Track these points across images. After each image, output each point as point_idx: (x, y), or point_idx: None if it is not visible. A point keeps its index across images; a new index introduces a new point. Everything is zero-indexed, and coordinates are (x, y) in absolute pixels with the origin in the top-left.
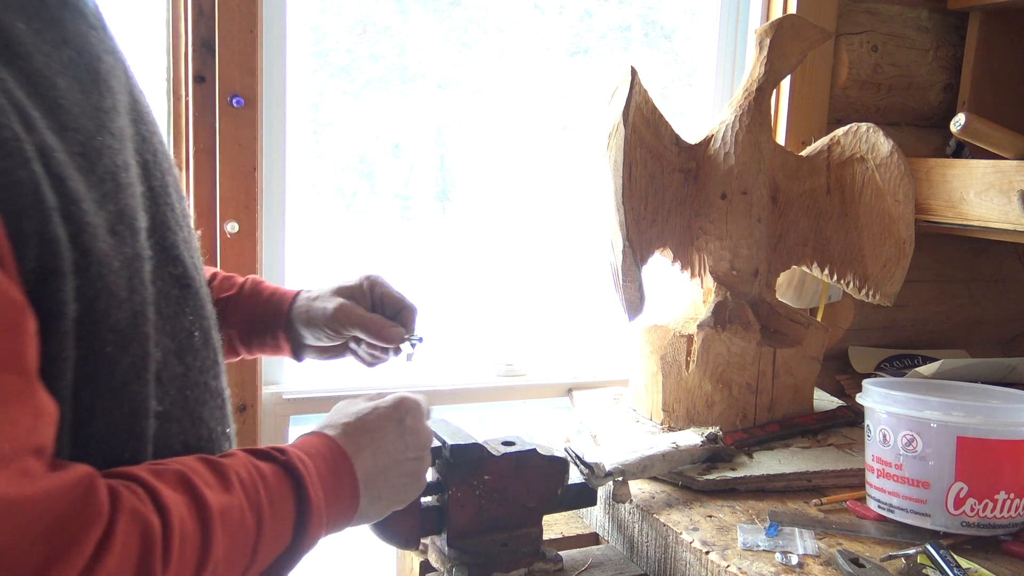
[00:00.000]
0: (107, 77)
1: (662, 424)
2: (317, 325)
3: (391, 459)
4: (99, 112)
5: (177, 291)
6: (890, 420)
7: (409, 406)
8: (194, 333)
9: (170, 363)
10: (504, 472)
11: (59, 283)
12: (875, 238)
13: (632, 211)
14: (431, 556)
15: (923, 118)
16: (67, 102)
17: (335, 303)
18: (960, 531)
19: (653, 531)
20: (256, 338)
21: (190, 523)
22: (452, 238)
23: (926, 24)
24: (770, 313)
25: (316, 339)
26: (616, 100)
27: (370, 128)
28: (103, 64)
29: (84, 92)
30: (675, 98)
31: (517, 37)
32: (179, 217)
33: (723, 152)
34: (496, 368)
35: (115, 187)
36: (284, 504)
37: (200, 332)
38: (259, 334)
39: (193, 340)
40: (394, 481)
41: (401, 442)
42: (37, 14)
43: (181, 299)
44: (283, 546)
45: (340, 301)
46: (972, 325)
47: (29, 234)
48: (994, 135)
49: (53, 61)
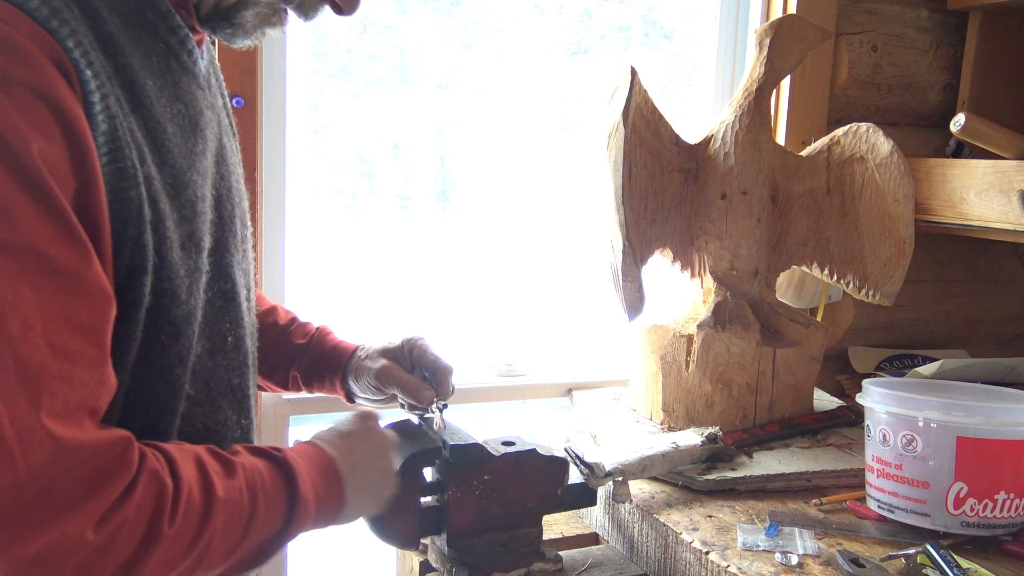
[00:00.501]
0: (204, 127)
1: (662, 424)
2: (365, 382)
3: (366, 458)
4: (192, 154)
5: (222, 302)
6: (890, 420)
7: (368, 415)
8: (228, 338)
9: (203, 359)
10: (504, 472)
11: (142, 279)
12: (875, 238)
13: (632, 211)
14: (431, 556)
15: (923, 118)
16: (171, 144)
17: (379, 364)
18: (960, 531)
19: (653, 531)
20: (316, 382)
21: (197, 495)
22: (452, 238)
23: (926, 24)
24: (770, 313)
25: (364, 392)
26: (616, 100)
27: (370, 128)
28: (203, 117)
29: (184, 137)
30: (675, 98)
31: (517, 37)
32: (239, 242)
33: (723, 152)
34: (496, 368)
35: (192, 213)
36: (277, 494)
37: (233, 338)
38: (319, 380)
39: (226, 344)
40: (372, 477)
41: (371, 444)
42: (162, 75)
43: (224, 309)
44: (274, 529)
45: (384, 363)
46: (972, 325)
47: (129, 239)
48: (994, 135)
49: (167, 112)
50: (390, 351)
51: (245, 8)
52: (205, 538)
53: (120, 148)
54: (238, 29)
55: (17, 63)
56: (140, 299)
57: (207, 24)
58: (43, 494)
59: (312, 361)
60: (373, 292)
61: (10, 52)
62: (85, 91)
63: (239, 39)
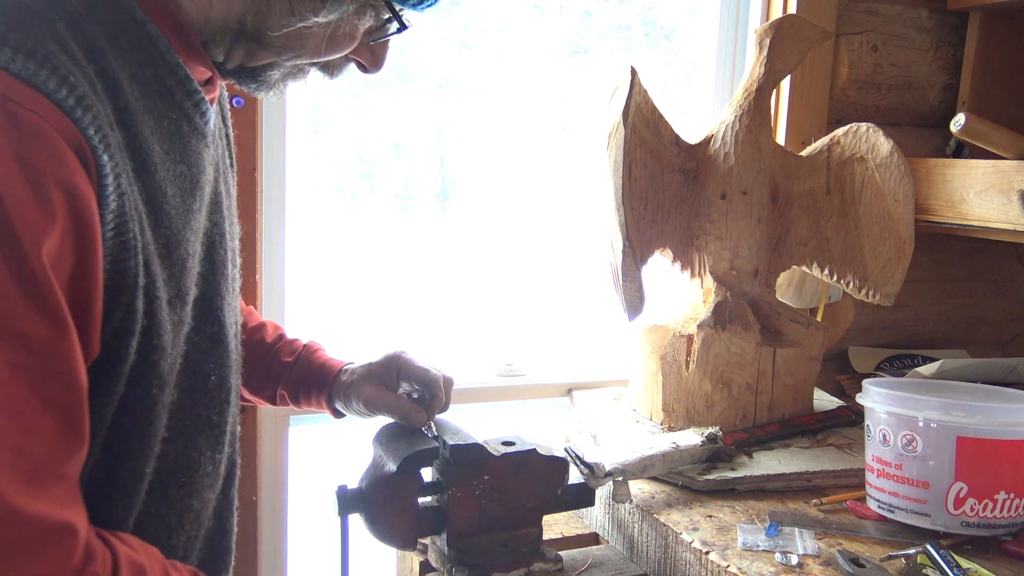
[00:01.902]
0: (204, 184)
1: (662, 424)
2: (354, 407)
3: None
4: (188, 213)
5: (209, 344)
6: (890, 420)
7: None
8: (211, 377)
9: (181, 398)
10: (504, 472)
11: (130, 340)
12: (875, 238)
13: (632, 211)
14: (431, 556)
15: (923, 118)
16: (168, 207)
17: (366, 392)
18: (960, 531)
19: (653, 531)
20: (303, 399)
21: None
22: (452, 238)
23: (926, 24)
24: (770, 313)
25: (353, 414)
26: (616, 100)
27: (370, 128)
28: (204, 175)
29: (183, 198)
30: (675, 98)
31: (517, 37)
32: (229, 283)
33: (723, 152)
34: (496, 368)
35: (181, 271)
36: None
37: (217, 377)
38: (306, 397)
39: (208, 383)
40: None
41: None
42: (171, 138)
43: (210, 351)
44: None
45: (369, 389)
46: (972, 325)
47: (121, 304)
48: (994, 135)
49: (169, 175)
50: (374, 372)
51: (272, 69)
52: None
53: (125, 222)
54: (262, 84)
55: (45, 155)
56: (126, 357)
57: (230, 75)
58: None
59: (298, 380)
60: (373, 292)
61: (39, 144)
62: (100, 175)
63: (262, 92)
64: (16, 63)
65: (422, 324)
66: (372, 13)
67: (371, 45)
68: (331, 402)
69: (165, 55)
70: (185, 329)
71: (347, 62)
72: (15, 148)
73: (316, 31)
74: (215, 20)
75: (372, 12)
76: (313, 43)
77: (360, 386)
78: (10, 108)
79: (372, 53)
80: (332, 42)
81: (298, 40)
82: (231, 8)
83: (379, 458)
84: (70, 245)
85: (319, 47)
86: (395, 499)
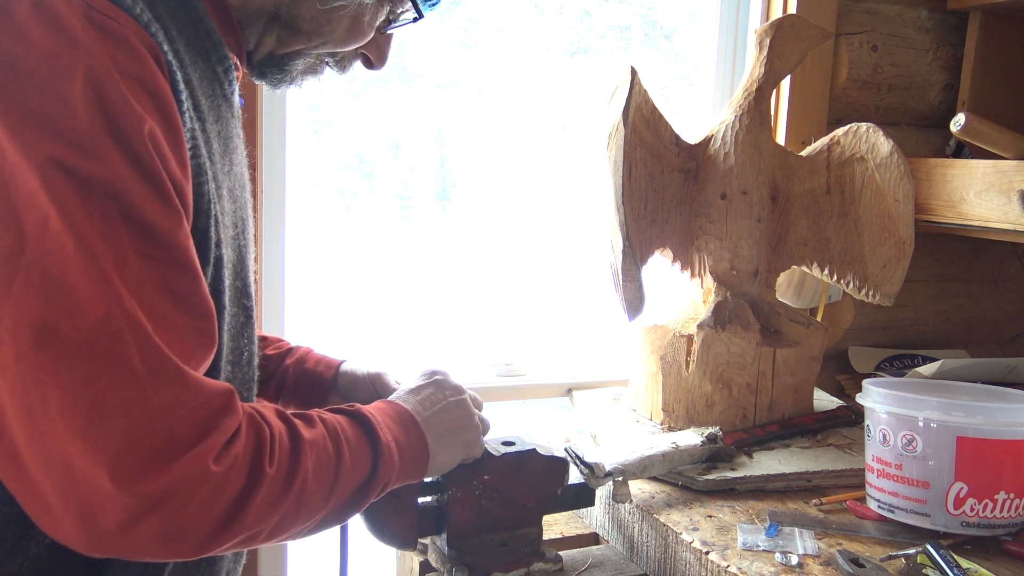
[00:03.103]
0: (232, 151)
1: (662, 424)
2: None
3: (439, 401)
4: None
5: (244, 318)
6: (890, 420)
7: (437, 371)
8: (244, 353)
9: (225, 372)
10: (504, 472)
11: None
12: (875, 238)
13: (632, 211)
14: (431, 556)
15: (923, 118)
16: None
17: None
18: (960, 531)
19: (653, 531)
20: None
21: (286, 440)
22: (452, 238)
23: (926, 24)
24: (770, 313)
25: None
26: (616, 100)
27: (370, 128)
28: (232, 143)
29: (222, 155)
30: (675, 98)
31: (517, 37)
32: (252, 263)
33: (723, 152)
34: (496, 368)
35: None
36: (360, 441)
37: (248, 354)
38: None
39: (242, 358)
40: (451, 425)
41: (439, 391)
42: (210, 97)
43: (244, 325)
44: (362, 476)
45: None
46: (972, 325)
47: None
48: (994, 135)
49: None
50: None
51: (297, 57)
52: (299, 479)
53: (197, 145)
54: (286, 75)
55: (129, 58)
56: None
57: (256, 68)
58: (171, 429)
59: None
60: (373, 292)
61: (125, 48)
62: (175, 89)
63: (283, 84)
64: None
65: (422, 324)
66: (389, 5)
67: (378, 40)
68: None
69: (211, 32)
70: (227, 295)
71: (356, 56)
72: (109, 52)
73: (344, 15)
74: (252, 3)
75: (390, 4)
76: (340, 29)
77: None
78: (96, 17)
79: (378, 48)
80: (355, 30)
81: (327, 26)
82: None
83: None
84: (168, 147)
85: (344, 34)
86: (395, 498)
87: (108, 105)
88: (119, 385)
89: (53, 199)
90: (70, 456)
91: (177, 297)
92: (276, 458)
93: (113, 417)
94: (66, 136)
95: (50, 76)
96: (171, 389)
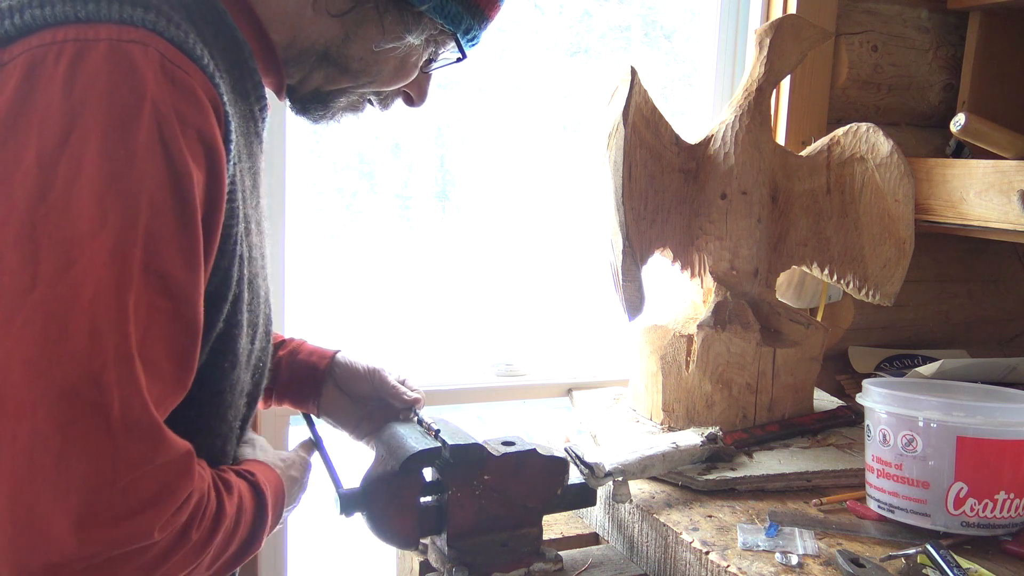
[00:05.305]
0: (258, 186)
1: (662, 424)
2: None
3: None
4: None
5: (264, 331)
6: (890, 420)
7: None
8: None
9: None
10: (504, 472)
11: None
12: (875, 238)
13: (632, 211)
14: (431, 556)
15: (923, 118)
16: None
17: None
18: (960, 531)
19: (653, 531)
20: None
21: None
22: (452, 238)
23: (926, 24)
24: (770, 313)
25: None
26: (616, 100)
27: (370, 128)
28: (258, 178)
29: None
30: (675, 98)
31: (517, 37)
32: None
33: (723, 152)
34: (496, 368)
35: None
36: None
37: (260, 375)
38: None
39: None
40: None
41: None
42: (245, 135)
43: (262, 351)
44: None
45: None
46: (972, 325)
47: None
48: (994, 135)
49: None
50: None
51: (342, 95)
52: (209, 548)
53: (235, 188)
54: (328, 111)
55: (192, 109)
56: (214, 324)
57: (299, 103)
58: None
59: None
60: (373, 292)
61: (190, 98)
62: (227, 137)
63: (325, 120)
64: (170, 30)
65: (422, 324)
66: (433, 47)
67: (419, 79)
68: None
69: (248, 60)
70: (247, 316)
71: (398, 94)
72: (174, 103)
73: (393, 56)
74: (301, 42)
75: (434, 45)
76: (388, 70)
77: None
78: (168, 68)
79: (419, 86)
80: (402, 70)
81: (375, 66)
82: (320, 33)
83: (382, 457)
84: (204, 195)
85: (391, 74)
86: (397, 498)
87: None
88: (91, 433)
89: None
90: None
91: (172, 350)
92: (201, 525)
93: (80, 462)
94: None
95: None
96: (141, 446)
